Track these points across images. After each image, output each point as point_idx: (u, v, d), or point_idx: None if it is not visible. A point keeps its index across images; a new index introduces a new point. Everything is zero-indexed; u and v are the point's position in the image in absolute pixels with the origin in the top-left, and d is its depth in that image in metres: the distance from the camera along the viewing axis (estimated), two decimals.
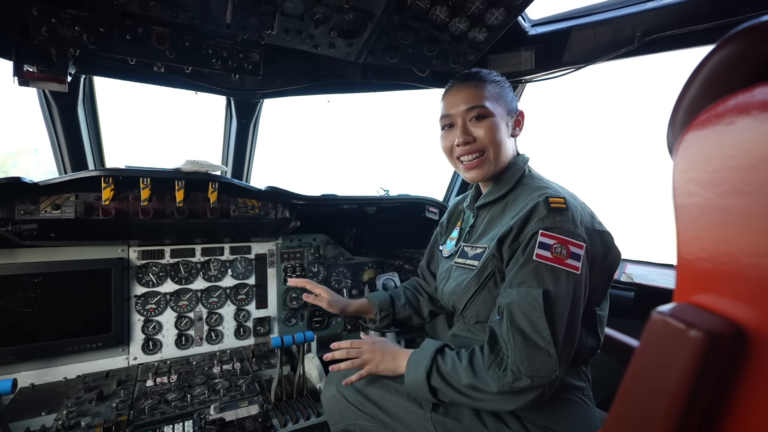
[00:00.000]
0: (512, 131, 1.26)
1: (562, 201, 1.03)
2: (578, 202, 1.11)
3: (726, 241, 0.39)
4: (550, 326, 0.95)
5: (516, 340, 0.97)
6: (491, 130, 1.18)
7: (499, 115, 1.20)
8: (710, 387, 0.38)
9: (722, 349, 0.37)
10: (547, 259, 0.99)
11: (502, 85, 1.25)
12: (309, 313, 2.29)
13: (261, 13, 1.39)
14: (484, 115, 1.19)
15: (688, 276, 0.44)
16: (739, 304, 0.39)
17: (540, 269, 0.99)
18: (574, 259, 0.98)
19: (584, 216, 1.06)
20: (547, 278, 0.98)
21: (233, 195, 1.88)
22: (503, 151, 1.21)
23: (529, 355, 0.95)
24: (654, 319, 0.42)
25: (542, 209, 1.03)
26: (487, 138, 1.18)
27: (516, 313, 0.99)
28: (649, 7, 1.56)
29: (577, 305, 0.98)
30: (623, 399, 0.46)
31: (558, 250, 0.98)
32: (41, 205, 1.54)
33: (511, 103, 1.25)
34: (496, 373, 0.98)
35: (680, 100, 0.46)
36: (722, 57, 0.43)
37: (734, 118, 0.38)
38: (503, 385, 0.97)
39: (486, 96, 1.20)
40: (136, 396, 1.57)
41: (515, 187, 1.21)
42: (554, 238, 0.99)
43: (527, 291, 0.99)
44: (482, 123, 1.19)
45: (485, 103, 1.18)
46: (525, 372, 0.94)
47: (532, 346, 0.95)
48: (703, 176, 0.41)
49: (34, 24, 1.25)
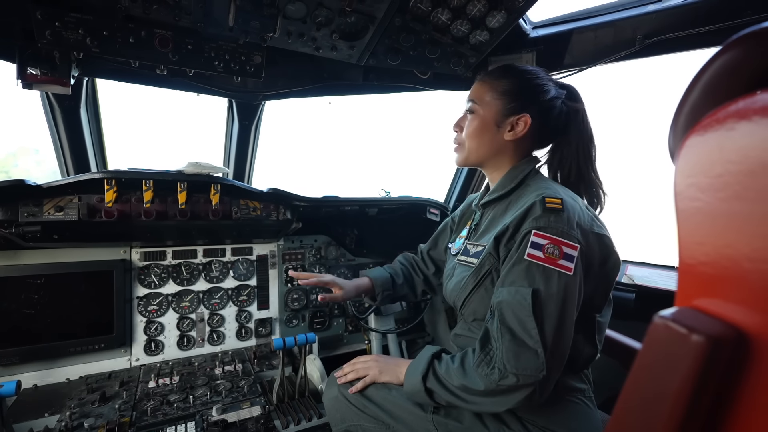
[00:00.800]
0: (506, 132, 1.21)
1: (558, 201, 1.03)
2: (579, 204, 1.10)
3: (728, 246, 0.39)
4: (539, 326, 0.94)
5: (504, 338, 0.97)
6: (471, 126, 1.26)
7: (490, 113, 1.22)
8: (712, 392, 0.39)
9: (724, 354, 0.37)
10: (538, 258, 0.98)
11: (526, 82, 1.20)
12: (310, 314, 2.30)
13: (263, 16, 1.40)
14: (472, 111, 1.27)
15: (690, 280, 0.44)
16: (740, 308, 0.39)
17: (531, 269, 0.99)
18: (567, 260, 0.97)
19: (583, 218, 1.05)
20: (538, 278, 0.98)
21: (235, 197, 1.89)
22: (481, 148, 1.26)
23: (516, 354, 0.95)
24: (656, 324, 0.42)
25: (537, 209, 1.03)
26: (466, 132, 1.28)
27: (506, 312, 0.99)
28: (650, 9, 1.56)
29: (568, 306, 0.97)
30: (625, 403, 0.46)
31: (550, 251, 0.98)
32: (44, 207, 1.54)
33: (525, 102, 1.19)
34: (484, 371, 0.99)
35: (681, 105, 0.46)
36: (723, 62, 0.43)
37: (735, 123, 0.38)
38: (490, 383, 0.98)
39: (488, 93, 1.23)
40: (139, 397, 1.58)
41: (518, 187, 1.22)
42: (547, 238, 0.99)
43: (517, 290, 0.99)
44: (470, 117, 1.28)
45: (477, 100, 1.25)
46: (511, 370, 0.94)
47: (520, 345, 0.95)
48: (705, 181, 0.41)
49: (38, 27, 1.26)
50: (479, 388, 1.00)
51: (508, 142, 1.23)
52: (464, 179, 2.64)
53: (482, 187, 2.67)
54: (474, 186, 2.66)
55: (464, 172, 2.63)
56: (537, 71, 1.24)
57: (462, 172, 2.66)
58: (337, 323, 2.39)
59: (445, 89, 2.15)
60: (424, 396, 1.12)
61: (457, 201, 2.73)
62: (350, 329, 2.41)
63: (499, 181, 1.27)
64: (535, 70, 1.25)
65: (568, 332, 0.98)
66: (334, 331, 2.37)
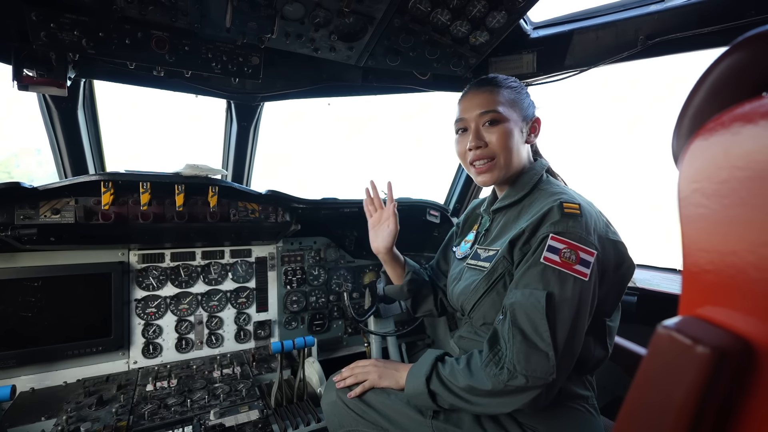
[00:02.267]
0: (527, 137, 1.25)
1: (576, 207, 1.03)
2: (594, 210, 1.09)
3: (733, 254, 0.38)
4: (551, 329, 0.94)
5: (515, 339, 0.97)
6: (503, 136, 1.18)
7: (513, 121, 1.20)
8: (718, 404, 0.37)
9: (730, 365, 0.36)
10: (555, 263, 0.98)
11: (518, 90, 1.24)
12: (310, 317, 2.28)
13: (261, 17, 1.39)
14: (497, 120, 1.18)
15: (694, 288, 0.43)
16: (747, 318, 0.37)
17: (547, 272, 0.98)
18: (583, 266, 0.97)
19: (598, 224, 1.05)
20: (553, 282, 0.97)
21: (233, 199, 1.88)
22: (515, 157, 1.21)
23: (527, 355, 0.94)
24: (659, 334, 0.41)
25: (555, 213, 1.02)
26: (499, 143, 1.18)
27: (518, 314, 0.99)
28: (652, 9, 1.55)
29: (582, 312, 0.97)
30: (627, 414, 0.45)
31: (567, 255, 0.98)
32: (41, 209, 1.53)
33: (528, 109, 1.24)
34: (492, 371, 0.98)
35: (686, 108, 0.45)
36: (729, 65, 0.42)
37: (742, 127, 0.37)
38: (498, 383, 0.97)
39: (500, 101, 1.20)
40: (136, 401, 1.56)
41: (531, 192, 1.20)
42: (564, 242, 0.98)
43: (531, 293, 0.98)
44: (495, 128, 1.19)
45: (498, 108, 1.18)
46: (521, 371, 0.94)
47: (531, 347, 0.95)
48: (710, 187, 0.40)
49: (33, 29, 1.25)
50: (486, 388, 0.99)
51: (525, 147, 1.24)
52: (464, 181, 2.63)
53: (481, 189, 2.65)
54: (474, 188, 2.65)
55: (464, 173, 2.62)
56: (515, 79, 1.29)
57: (462, 174, 2.65)
58: (337, 325, 2.37)
59: (445, 90, 2.14)
60: (426, 399, 1.10)
61: (457, 203, 2.72)
62: (350, 331, 2.40)
63: (512, 188, 1.25)
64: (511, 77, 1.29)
65: (579, 337, 0.97)
66: (334, 334, 2.36)
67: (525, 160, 1.25)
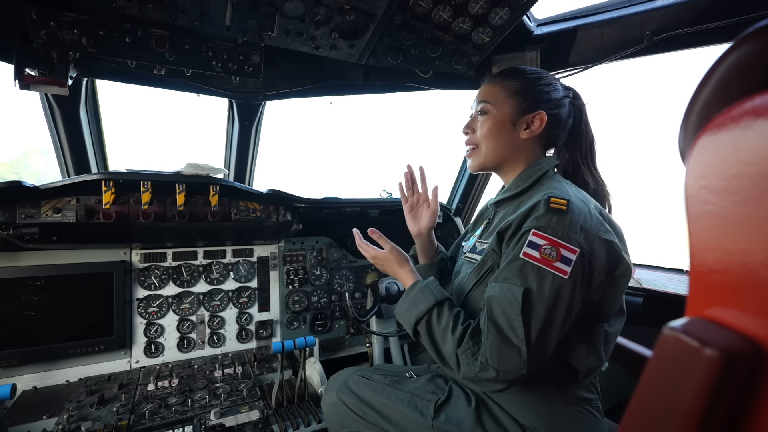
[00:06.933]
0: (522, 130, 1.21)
1: (563, 202, 1.00)
2: (589, 207, 1.05)
3: (743, 253, 0.37)
4: (526, 325, 0.93)
5: (490, 333, 0.96)
6: (485, 126, 1.23)
7: (504, 113, 1.20)
8: (726, 409, 0.36)
9: (739, 369, 0.35)
10: (534, 258, 0.96)
11: (535, 81, 1.21)
12: (311, 317, 2.28)
13: (260, 14, 1.38)
14: (485, 111, 1.24)
15: (702, 288, 0.42)
16: (757, 319, 0.36)
17: (526, 268, 0.97)
18: (564, 263, 0.94)
19: (590, 222, 1.01)
20: (532, 278, 0.96)
21: (234, 198, 1.87)
22: (499, 148, 1.23)
23: (500, 349, 0.94)
24: (665, 335, 0.39)
25: (541, 208, 1.00)
26: (481, 133, 1.25)
27: (495, 308, 0.98)
28: (658, 5, 1.52)
29: (558, 310, 0.94)
30: (632, 418, 0.44)
31: (547, 251, 0.95)
32: (42, 208, 1.54)
33: (537, 100, 1.20)
34: (467, 360, 0.99)
35: (693, 103, 0.44)
36: (737, 58, 0.41)
37: (751, 121, 0.36)
38: (470, 371, 0.98)
39: (497, 92, 1.22)
40: (137, 400, 1.57)
41: (532, 187, 1.19)
42: (545, 238, 0.96)
43: (510, 287, 0.97)
44: (482, 118, 1.25)
45: (489, 100, 1.23)
46: (492, 364, 0.94)
47: (504, 341, 0.94)
48: (718, 183, 0.38)
49: (33, 27, 1.25)
50: (457, 370, 1.01)
51: (523, 141, 1.21)
52: (467, 180, 2.61)
53: (485, 189, 2.63)
54: (477, 188, 2.63)
55: (467, 172, 2.60)
56: (543, 71, 1.27)
57: (465, 173, 2.63)
58: (339, 326, 2.37)
59: (448, 88, 2.12)
60: (409, 330, 1.17)
61: (460, 202, 2.70)
62: (351, 332, 2.39)
63: (513, 180, 1.24)
64: (540, 70, 1.28)
65: (554, 335, 0.95)
66: (336, 334, 2.35)
67: (516, 152, 1.23)
